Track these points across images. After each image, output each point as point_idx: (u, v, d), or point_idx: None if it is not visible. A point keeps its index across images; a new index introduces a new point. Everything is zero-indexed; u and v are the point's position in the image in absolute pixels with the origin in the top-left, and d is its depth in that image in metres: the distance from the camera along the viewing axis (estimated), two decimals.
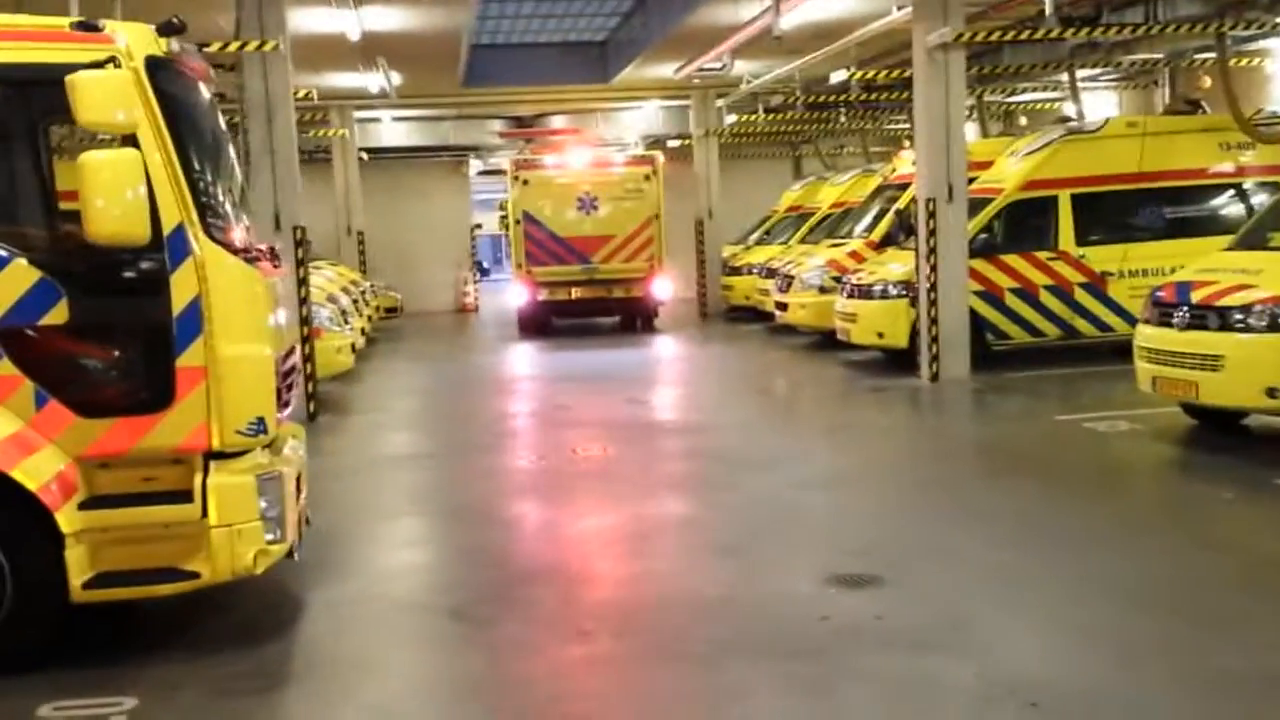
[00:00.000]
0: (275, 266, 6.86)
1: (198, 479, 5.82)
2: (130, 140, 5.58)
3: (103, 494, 5.82)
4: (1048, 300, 14.64)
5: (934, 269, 13.93)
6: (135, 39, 5.80)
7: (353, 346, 14.99)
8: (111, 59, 5.53)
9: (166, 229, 5.71)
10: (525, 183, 21.55)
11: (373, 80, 20.75)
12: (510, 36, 22.85)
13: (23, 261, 5.62)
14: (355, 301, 17.62)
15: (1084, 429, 10.85)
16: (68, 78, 5.35)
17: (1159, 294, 10.31)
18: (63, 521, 5.63)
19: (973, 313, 14.40)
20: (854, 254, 17.73)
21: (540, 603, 6.72)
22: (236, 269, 5.94)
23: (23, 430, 5.64)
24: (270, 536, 6.03)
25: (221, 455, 5.91)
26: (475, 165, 31.11)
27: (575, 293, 21.28)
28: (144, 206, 5.49)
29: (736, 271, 23.42)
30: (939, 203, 13.91)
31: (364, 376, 16.98)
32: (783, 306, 18.61)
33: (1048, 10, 13.26)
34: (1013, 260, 14.71)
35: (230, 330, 5.86)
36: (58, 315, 5.65)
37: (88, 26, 5.72)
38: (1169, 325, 9.87)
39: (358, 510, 9.25)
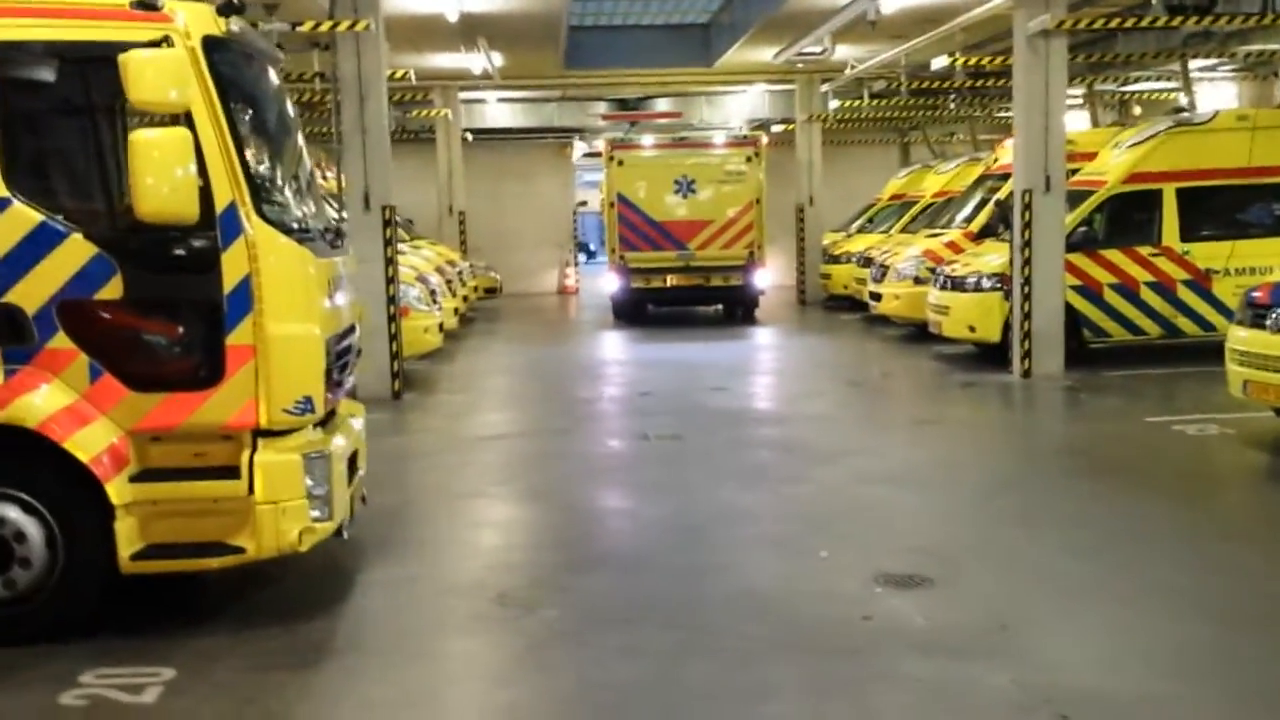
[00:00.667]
0: (335, 247, 6.91)
1: (245, 455, 5.90)
2: (182, 119, 5.65)
3: (154, 467, 5.93)
4: (1149, 297, 14.20)
5: (1028, 262, 13.60)
6: (194, 18, 5.86)
7: (441, 326, 15.11)
8: (166, 38, 5.61)
9: (219, 208, 5.78)
10: (620, 164, 20.82)
11: (475, 61, 20.87)
12: (613, 19, 22.82)
13: (79, 236, 5.73)
14: (449, 281, 17.78)
15: (1173, 431, 10.52)
16: (121, 56, 5.43)
17: (1254, 294, 9.92)
18: (113, 493, 5.75)
19: (1070, 308, 14.04)
20: (951, 244, 17.40)
21: (589, 590, 6.70)
22: (288, 249, 5.99)
23: (77, 403, 5.77)
24: (316, 514, 6.10)
25: (270, 433, 5.99)
26: (580, 148, 31.16)
27: (671, 280, 20.50)
28: (193, 185, 5.56)
29: (836, 260, 23.11)
30: (1035, 194, 13.56)
31: (455, 356, 17.16)
32: (877, 296, 18.34)
33: None
34: (1113, 255, 14.30)
35: (279, 309, 5.92)
36: (112, 290, 5.76)
37: (146, 5, 5.78)
38: (1262, 327, 9.49)
39: (428, 490, 9.34)
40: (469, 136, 27.50)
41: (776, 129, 27.60)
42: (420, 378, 15.03)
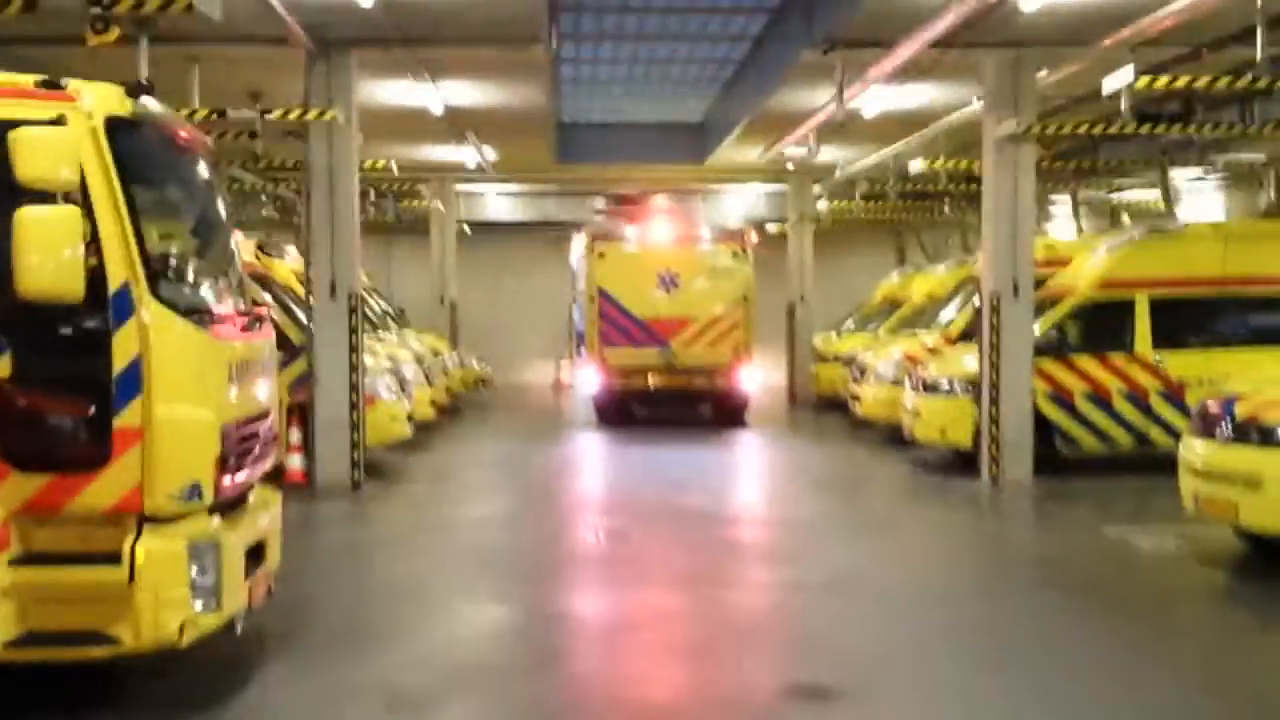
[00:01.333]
0: (248, 331, 6.84)
1: (128, 541, 5.78)
2: (74, 198, 5.61)
3: (36, 551, 5.81)
4: (1122, 406, 14.03)
5: (996, 368, 13.49)
6: (99, 98, 5.87)
7: (410, 416, 15.01)
8: (60, 117, 5.59)
9: (112, 288, 5.73)
10: (601, 256, 19.84)
11: (468, 154, 21.07)
12: (606, 116, 23.01)
13: None
14: (427, 371, 17.70)
15: (1128, 545, 10.30)
16: (11, 133, 5.42)
17: (1207, 404, 9.77)
18: None
19: (1042, 416, 13.90)
20: (930, 348, 17.30)
21: (485, 692, 6.51)
22: (183, 332, 5.93)
23: None
24: (200, 605, 5.95)
25: (157, 519, 5.87)
26: (579, 241, 31.29)
27: (653, 380, 19.31)
28: (79, 264, 5.51)
29: (825, 360, 23.02)
30: (1003, 299, 13.49)
31: (430, 447, 17.04)
32: (857, 398, 18.22)
33: (1123, 106, 12.80)
34: (1086, 363, 14.17)
35: (170, 392, 5.84)
36: (2, 368, 5.69)
37: (50, 85, 5.80)
38: (1212, 438, 9.33)
39: (352, 584, 9.14)
40: (468, 229, 27.68)
41: (771, 228, 27.70)
42: (387, 467, 14.91)
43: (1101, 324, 14.36)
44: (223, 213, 7.29)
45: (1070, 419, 14.08)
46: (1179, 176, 19.77)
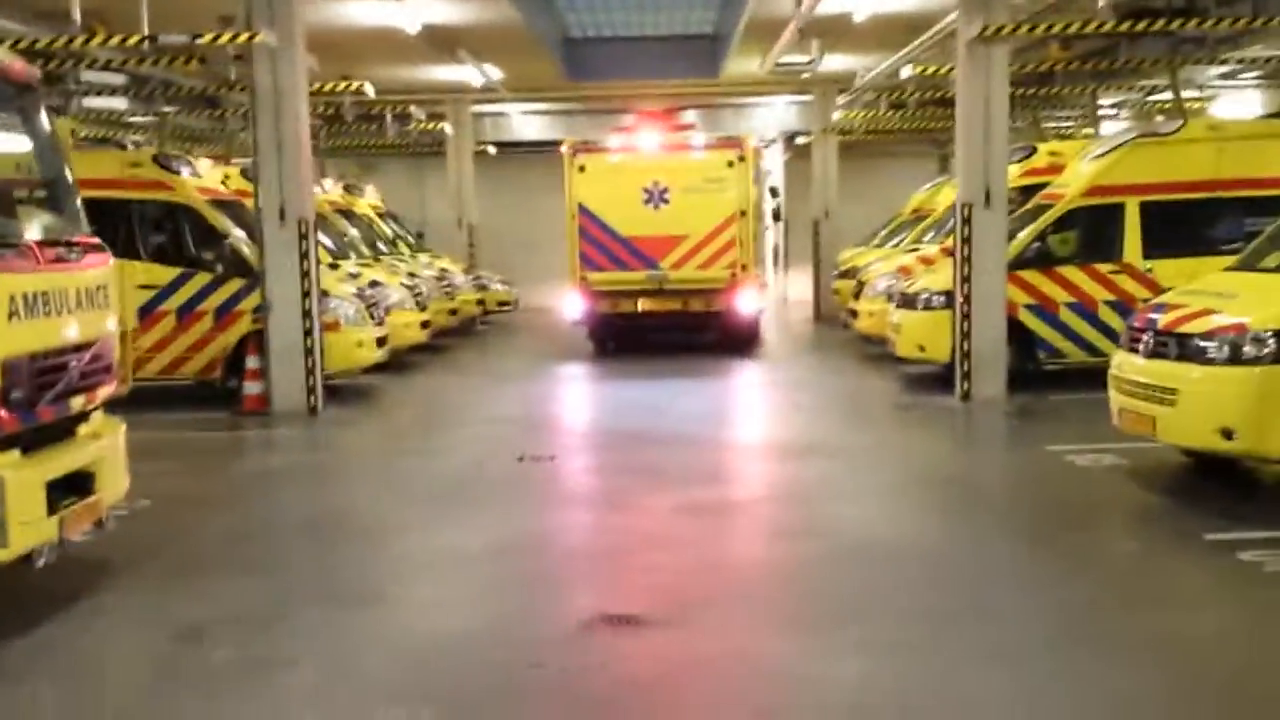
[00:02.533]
0: (58, 262, 6.68)
1: None
2: None
3: None
4: (1108, 317, 13.40)
5: (968, 280, 12.94)
6: None
7: (383, 340, 14.87)
8: None
9: None
10: (582, 169, 18.04)
11: (470, 74, 20.74)
12: (617, 29, 22.40)
13: None
14: (418, 294, 17.48)
15: (1063, 462, 9.82)
16: None
17: (1136, 315, 9.22)
18: None
19: (1024, 328, 13.36)
20: (924, 259, 16.71)
21: (282, 621, 6.37)
22: None
23: None
24: None
25: None
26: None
27: (642, 304, 17.89)
28: None
29: (845, 275, 22.43)
30: (975, 209, 12.91)
31: (418, 370, 16.96)
32: (854, 314, 17.70)
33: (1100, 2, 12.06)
34: (1071, 273, 13.56)
35: None
36: None
37: None
38: (1136, 351, 8.79)
39: (236, 516, 9.01)
40: (492, 150, 27.37)
41: (803, 140, 27.02)
42: (360, 392, 14.86)
43: (1089, 232, 13.71)
44: (40, 145, 7.17)
45: (1054, 331, 13.52)
46: (1207, 75, 18.77)
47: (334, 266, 15.65)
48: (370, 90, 16.09)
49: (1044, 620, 6.14)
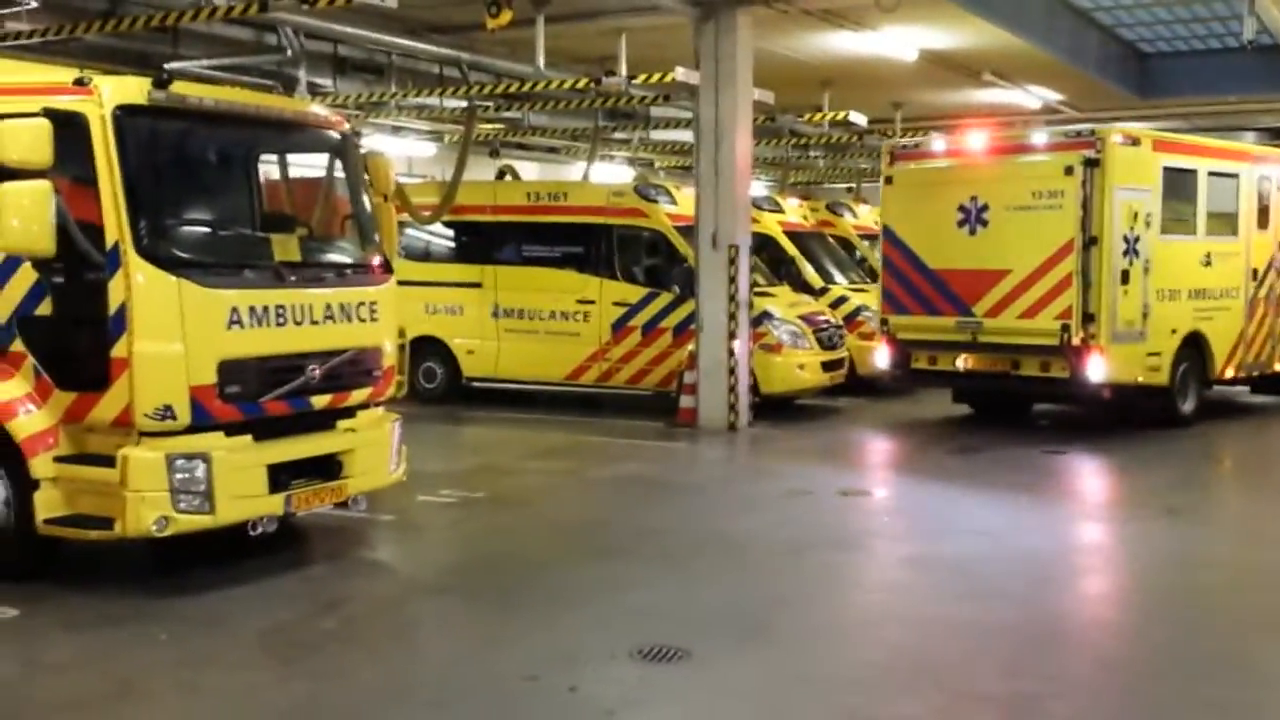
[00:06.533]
0: (284, 280, 7.79)
1: (122, 449, 7.16)
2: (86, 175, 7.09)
3: (78, 452, 7.38)
4: None
5: None
6: (115, 91, 7.22)
7: (833, 364, 15.00)
8: (44, 111, 7.00)
9: (109, 245, 7.11)
10: (889, 180, 14.37)
11: (1019, 96, 20.14)
12: (1196, 43, 20.51)
13: (28, 265, 7.35)
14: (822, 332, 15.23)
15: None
16: None
17: None
18: (37, 468, 7.29)
19: None
20: None
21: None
22: (159, 281, 7.15)
23: (26, 394, 7.40)
24: (184, 506, 7.20)
25: (153, 433, 7.20)
26: None
27: (966, 362, 13.69)
28: (48, 226, 6.89)
29: None
30: None
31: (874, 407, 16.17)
32: None
33: None
34: None
35: (147, 330, 7.13)
36: (46, 307, 7.34)
37: (79, 82, 7.24)
38: None
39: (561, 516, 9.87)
40: None
41: None
42: (803, 415, 15.02)
43: None
44: (251, 175, 8.48)
45: None
46: None
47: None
48: (859, 119, 16.30)
49: None
